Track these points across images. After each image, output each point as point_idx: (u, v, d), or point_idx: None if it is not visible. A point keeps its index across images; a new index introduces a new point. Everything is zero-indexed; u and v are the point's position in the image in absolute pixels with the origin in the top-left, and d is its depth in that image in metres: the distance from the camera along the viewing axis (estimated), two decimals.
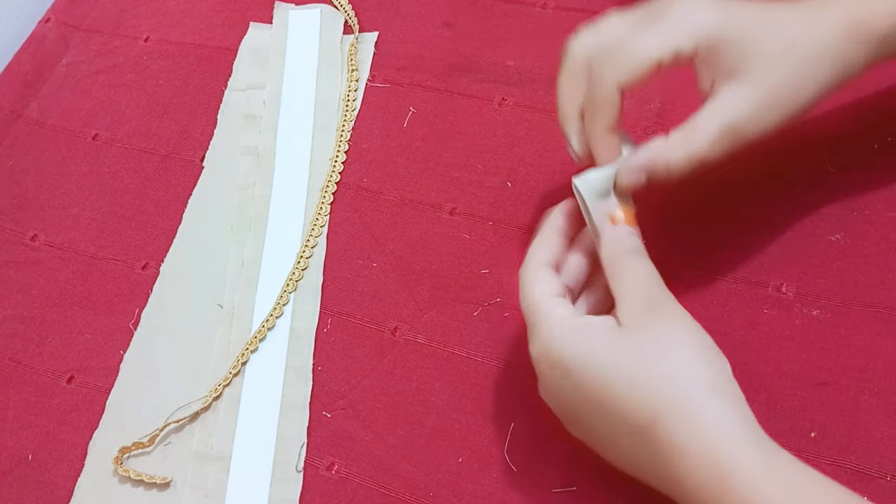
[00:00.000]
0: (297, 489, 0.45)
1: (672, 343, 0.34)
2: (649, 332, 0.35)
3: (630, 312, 0.36)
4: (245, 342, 0.50)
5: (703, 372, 0.34)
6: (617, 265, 0.38)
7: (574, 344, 0.35)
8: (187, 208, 0.56)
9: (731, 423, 0.32)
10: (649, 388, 0.33)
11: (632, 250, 0.38)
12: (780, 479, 0.31)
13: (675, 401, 0.33)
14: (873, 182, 0.46)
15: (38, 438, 0.50)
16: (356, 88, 0.59)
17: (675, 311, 0.36)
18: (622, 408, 0.34)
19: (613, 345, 0.35)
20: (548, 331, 0.36)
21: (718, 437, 0.32)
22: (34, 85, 0.66)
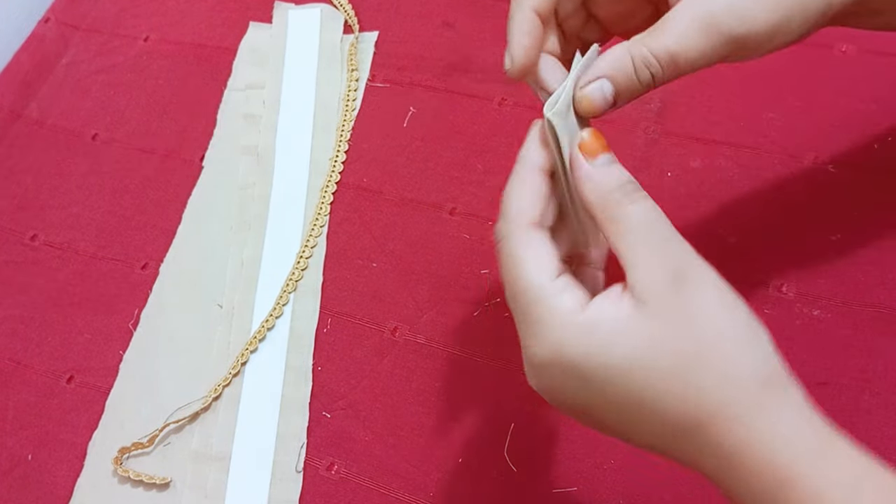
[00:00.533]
0: (296, 489, 0.45)
1: (713, 330, 0.28)
2: (683, 318, 0.28)
3: (652, 288, 0.29)
4: (245, 342, 0.50)
5: (753, 364, 0.28)
6: (616, 217, 0.30)
7: (594, 348, 0.29)
8: (187, 208, 0.56)
9: (787, 422, 0.28)
10: (692, 391, 0.28)
11: (629, 192, 0.30)
12: (840, 480, 0.27)
13: (724, 404, 0.28)
14: (873, 182, 0.46)
15: (37, 438, 0.50)
16: (356, 88, 0.59)
17: (706, 278, 0.29)
18: (659, 412, 0.29)
19: (644, 343, 0.28)
20: (556, 332, 0.29)
21: (774, 443, 0.28)
22: (34, 85, 0.66)
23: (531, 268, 0.30)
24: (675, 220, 0.47)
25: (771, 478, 0.28)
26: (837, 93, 0.49)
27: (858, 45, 0.51)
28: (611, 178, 0.30)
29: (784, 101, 0.50)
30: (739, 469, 0.28)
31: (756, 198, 0.47)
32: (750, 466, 0.28)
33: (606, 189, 0.30)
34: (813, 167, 0.47)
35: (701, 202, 0.48)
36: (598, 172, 0.31)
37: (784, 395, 0.29)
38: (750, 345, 0.29)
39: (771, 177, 0.47)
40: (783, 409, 0.28)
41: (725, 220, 0.47)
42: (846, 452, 0.28)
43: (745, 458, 0.28)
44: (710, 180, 0.48)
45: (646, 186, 0.49)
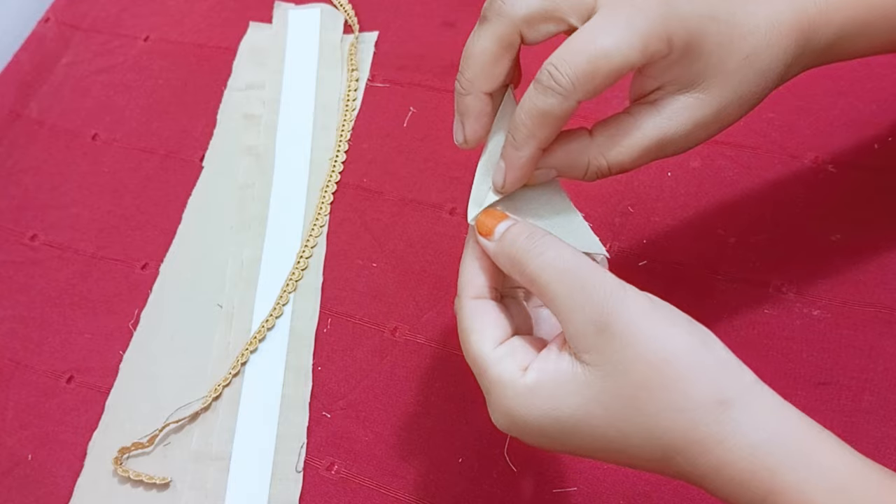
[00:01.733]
0: (297, 489, 0.45)
1: (654, 367, 0.28)
2: (621, 364, 0.28)
3: (584, 340, 0.29)
4: (245, 342, 0.50)
5: (704, 386, 0.28)
6: (531, 279, 0.31)
7: (541, 410, 0.29)
8: (187, 208, 0.56)
9: (759, 431, 0.28)
10: (650, 430, 0.28)
11: (531, 251, 0.31)
12: (825, 481, 0.27)
13: (686, 436, 0.28)
14: (873, 182, 0.46)
15: (37, 438, 0.50)
16: (356, 88, 0.59)
17: (633, 314, 0.29)
18: (627, 451, 0.29)
19: (589, 396, 0.29)
20: (504, 400, 0.30)
21: (751, 456, 0.27)
22: (34, 85, 0.66)
23: (475, 339, 0.32)
24: (675, 220, 0.47)
25: (756, 489, 0.27)
26: (837, 93, 0.49)
27: None
28: (511, 242, 0.32)
29: (784, 101, 0.50)
30: (723, 487, 0.28)
31: (756, 198, 0.47)
32: (732, 482, 0.28)
33: (512, 254, 0.31)
34: (813, 167, 0.47)
35: (701, 202, 0.48)
36: (498, 246, 0.32)
37: (749, 404, 0.28)
38: (696, 367, 0.28)
39: (771, 177, 0.47)
40: (751, 420, 0.28)
41: (725, 220, 0.47)
42: (827, 449, 0.28)
43: (725, 476, 0.28)
44: (710, 180, 0.48)
45: (646, 186, 0.49)
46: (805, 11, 0.33)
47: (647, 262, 0.47)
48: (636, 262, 0.47)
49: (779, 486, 0.27)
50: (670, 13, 0.30)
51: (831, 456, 0.28)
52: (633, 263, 0.47)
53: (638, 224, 0.48)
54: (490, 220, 0.33)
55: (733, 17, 0.32)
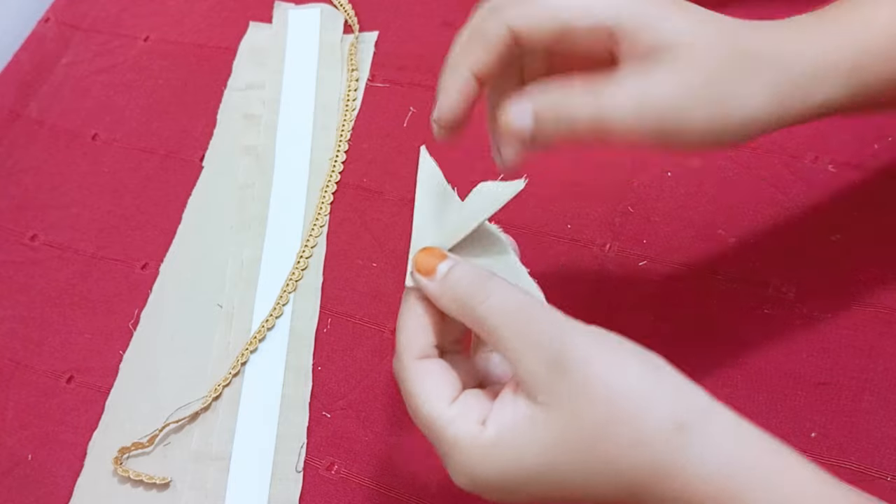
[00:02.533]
0: (297, 489, 0.45)
1: (607, 403, 0.28)
2: (575, 403, 0.28)
3: (536, 381, 0.28)
4: (245, 342, 0.50)
5: (659, 415, 0.27)
6: (478, 321, 0.30)
7: (504, 465, 0.29)
8: (187, 208, 0.56)
9: (721, 452, 0.27)
10: (612, 468, 0.28)
11: (476, 292, 0.30)
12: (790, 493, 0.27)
13: (646, 468, 0.27)
14: (873, 182, 0.46)
15: (37, 438, 0.50)
16: (356, 88, 0.59)
17: (583, 350, 0.28)
18: (595, 493, 0.29)
19: (548, 442, 0.28)
20: (464, 461, 0.29)
21: (713, 479, 0.27)
22: (34, 85, 0.66)
23: (423, 402, 0.30)
24: (675, 220, 0.47)
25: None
26: None
27: None
28: (454, 284, 0.31)
29: None
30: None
31: (756, 198, 0.47)
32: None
33: (457, 297, 0.30)
34: (813, 167, 0.47)
35: (701, 202, 0.48)
36: (441, 286, 0.31)
37: (705, 427, 0.28)
38: (650, 397, 0.28)
39: (771, 177, 0.47)
40: (709, 444, 0.27)
41: (725, 220, 0.47)
42: (789, 468, 0.28)
43: (694, 500, 0.27)
44: (710, 180, 0.48)
45: (646, 186, 0.49)
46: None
47: (647, 262, 0.47)
48: (636, 262, 0.47)
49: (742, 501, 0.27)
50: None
51: (793, 476, 0.27)
52: (633, 263, 0.47)
53: (638, 224, 0.48)
54: (430, 258, 0.32)
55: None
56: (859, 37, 0.32)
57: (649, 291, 0.46)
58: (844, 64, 0.31)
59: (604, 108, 0.31)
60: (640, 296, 0.46)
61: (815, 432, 0.40)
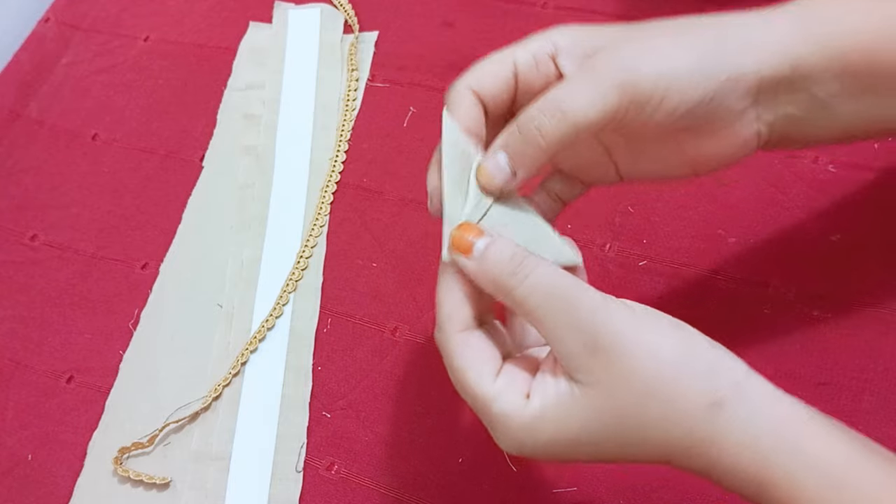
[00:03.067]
0: (297, 489, 0.45)
1: (643, 380, 0.29)
2: (613, 381, 0.29)
3: (575, 361, 0.30)
4: (245, 342, 0.50)
5: (693, 392, 0.29)
6: (517, 301, 0.31)
7: (546, 437, 0.30)
8: (187, 208, 0.56)
9: (750, 429, 0.29)
10: (647, 441, 0.30)
11: (515, 271, 0.31)
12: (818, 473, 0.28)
13: (678, 443, 0.29)
14: (873, 182, 0.46)
15: (37, 438, 0.50)
16: (356, 88, 0.59)
17: (620, 329, 0.29)
18: (631, 457, 0.31)
19: (587, 417, 0.30)
20: (510, 433, 0.31)
21: (742, 455, 0.29)
22: (34, 85, 0.66)
23: (470, 377, 0.31)
24: (675, 220, 0.47)
25: (751, 481, 0.29)
26: None
27: None
28: (493, 263, 0.31)
29: None
30: (720, 480, 0.30)
31: (757, 198, 0.47)
32: (727, 475, 0.29)
33: (495, 277, 0.31)
34: (813, 167, 0.47)
35: (701, 202, 0.48)
36: (480, 265, 0.31)
37: (739, 402, 0.29)
38: (685, 376, 0.29)
39: (771, 177, 0.47)
40: (742, 417, 0.29)
41: (726, 220, 0.47)
42: (820, 438, 0.29)
43: (720, 471, 0.29)
44: (710, 180, 0.48)
45: (646, 186, 0.49)
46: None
47: (647, 262, 0.47)
48: (636, 262, 0.47)
49: (770, 478, 0.28)
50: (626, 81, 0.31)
51: (823, 445, 0.28)
52: (633, 263, 0.47)
53: (638, 224, 0.48)
54: (466, 236, 0.32)
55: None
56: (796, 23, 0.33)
57: (649, 291, 0.46)
58: (793, 15, 0.33)
59: (562, 103, 0.31)
60: (640, 296, 0.46)
61: None
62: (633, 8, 0.56)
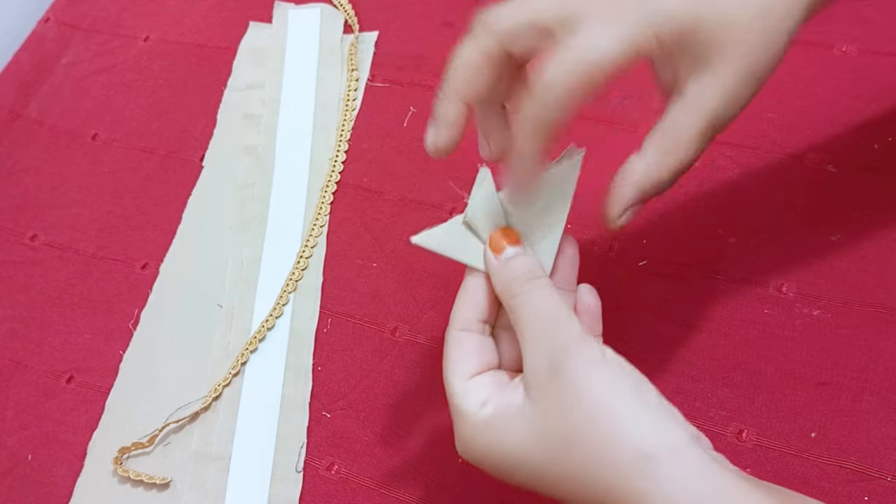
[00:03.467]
0: (297, 489, 0.45)
1: (587, 415, 0.29)
2: (560, 406, 0.30)
3: (534, 377, 0.31)
4: (245, 342, 0.50)
5: (631, 441, 0.29)
6: (512, 307, 0.33)
7: (488, 443, 0.32)
8: (187, 208, 0.56)
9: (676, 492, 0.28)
10: (580, 480, 0.30)
11: (523, 283, 0.33)
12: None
13: (609, 486, 0.29)
14: (873, 182, 0.46)
15: (37, 438, 0.50)
16: (356, 88, 0.59)
17: (582, 361, 0.30)
18: (565, 494, 0.31)
19: (529, 434, 0.30)
20: (462, 430, 0.33)
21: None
22: (34, 85, 0.66)
23: (450, 369, 0.33)
24: (675, 219, 0.47)
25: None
26: (837, 93, 0.49)
27: (858, 45, 0.51)
28: (511, 270, 0.33)
29: (784, 101, 0.50)
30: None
31: (756, 198, 0.47)
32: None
33: (506, 281, 0.33)
34: (813, 167, 0.47)
35: (701, 202, 0.48)
36: (500, 266, 0.34)
37: (672, 461, 0.29)
38: (627, 422, 0.29)
39: (771, 177, 0.47)
40: (673, 477, 0.28)
41: (725, 220, 0.47)
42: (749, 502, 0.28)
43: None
44: (710, 180, 0.48)
45: None
46: None
47: (647, 262, 0.47)
48: (636, 262, 0.47)
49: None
50: (654, 14, 0.31)
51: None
52: (633, 263, 0.47)
53: (638, 224, 0.48)
54: (504, 239, 0.34)
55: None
56: None
57: (649, 291, 0.46)
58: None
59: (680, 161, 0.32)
60: (640, 296, 0.46)
61: (815, 432, 0.40)
62: None
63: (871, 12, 0.52)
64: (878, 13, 0.51)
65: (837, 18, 0.52)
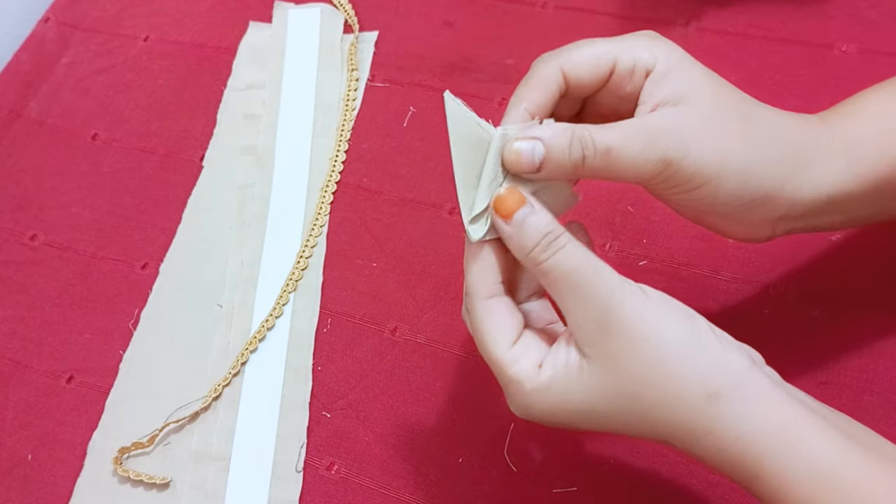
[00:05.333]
0: (297, 489, 0.45)
1: (647, 365, 0.30)
2: (619, 361, 0.31)
3: (586, 337, 0.31)
4: (245, 342, 0.50)
5: (693, 382, 0.30)
6: (542, 272, 0.32)
7: (552, 406, 0.32)
8: (187, 208, 0.56)
9: (740, 425, 0.30)
10: (646, 424, 0.31)
11: (548, 245, 0.32)
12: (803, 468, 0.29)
13: (676, 429, 0.31)
14: None
15: (37, 438, 0.50)
16: (356, 88, 0.59)
17: (632, 312, 0.31)
18: (632, 434, 0.32)
19: (592, 391, 0.31)
20: (519, 397, 0.33)
21: (735, 446, 0.30)
22: (34, 85, 0.66)
23: (489, 340, 0.33)
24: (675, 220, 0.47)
25: (744, 473, 0.30)
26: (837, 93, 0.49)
27: (858, 45, 0.51)
28: (530, 234, 0.32)
29: (784, 101, 0.50)
30: (716, 468, 0.31)
31: None
32: (723, 465, 0.30)
33: (528, 247, 0.32)
34: None
35: None
36: (516, 231, 0.33)
37: (736, 396, 0.30)
38: (687, 364, 0.30)
39: None
40: (737, 411, 0.30)
41: None
42: (816, 434, 0.29)
43: (716, 461, 0.31)
44: None
45: None
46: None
47: (647, 262, 0.47)
48: (636, 262, 0.47)
49: (763, 471, 0.29)
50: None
51: (818, 441, 0.29)
52: (633, 263, 0.47)
53: (638, 224, 0.48)
54: (510, 202, 0.33)
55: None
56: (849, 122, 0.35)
57: None
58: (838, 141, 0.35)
59: (612, 151, 0.32)
60: None
61: None
62: (632, 8, 0.56)
63: (871, 12, 0.52)
64: (878, 13, 0.51)
65: (837, 18, 0.52)
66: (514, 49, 0.57)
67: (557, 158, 0.33)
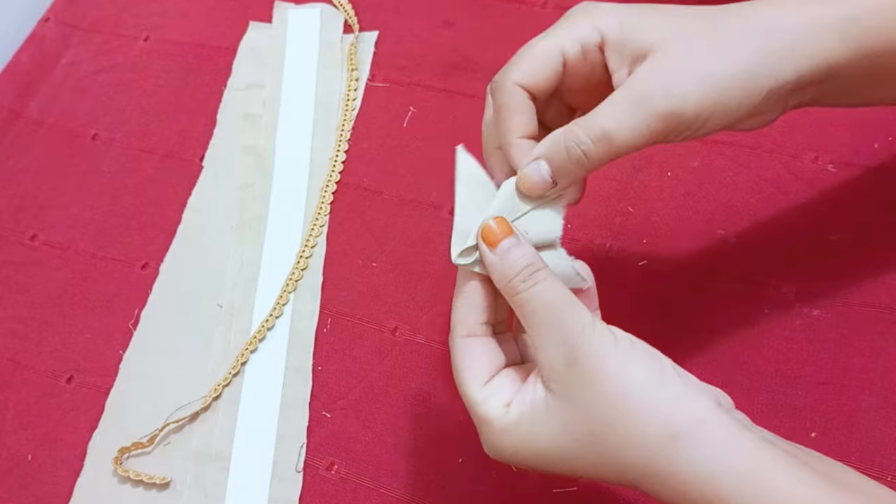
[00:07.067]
0: (296, 489, 0.45)
1: (611, 404, 0.30)
2: (583, 399, 0.31)
3: (553, 372, 0.31)
4: (245, 342, 0.50)
5: (656, 423, 0.30)
6: (518, 303, 0.33)
7: (519, 445, 0.32)
8: (187, 208, 0.56)
9: (704, 467, 0.29)
10: (612, 465, 0.31)
11: (526, 277, 0.32)
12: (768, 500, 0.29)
13: (641, 470, 0.30)
14: (873, 182, 0.46)
15: (37, 438, 0.50)
16: (356, 88, 0.59)
17: (599, 351, 0.31)
18: (601, 477, 0.32)
19: (557, 429, 0.31)
20: (489, 436, 0.33)
21: (696, 489, 0.29)
22: (34, 84, 0.66)
23: (464, 378, 0.34)
24: (675, 220, 0.47)
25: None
26: None
27: None
28: (511, 264, 0.33)
29: None
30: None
31: (756, 198, 0.47)
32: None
33: (508, 276, 0.33)
34: (813, 167, 0.47)
35: (701, 202, 0.48)
36: (498, 261, 0.33)
37: (699, 438, 0.29)
38: (650, 405, 0.30)
39: (771, 177, 0.47)
40: (700, 453, 0.29)
41: (725, 220, 0.47)
42: (781, 476, 0.29)
43: (683, 501, 0.30)
44: (710, 180, 0.48)
45: (646, 186, 0.49)
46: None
47: (647, 262, 0.47)
48: (636, 262, 0.47)
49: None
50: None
51: (788, 480, 0.29)
52: (633, 263, 0.47)
53: (638, 224, 0.48)
54: (498, 229, 0.33)
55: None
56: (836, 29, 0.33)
57: (649, 291, 0.46)
58: (834, 19, 0.33)
59: (609, 130, 0.32)
60: (640, 296, 0.46)
61: (815, 432, 0.40)
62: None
63: None
64: None
65: None
66: (514, 49, 0.56)
67: (562, 166, 0.33)
